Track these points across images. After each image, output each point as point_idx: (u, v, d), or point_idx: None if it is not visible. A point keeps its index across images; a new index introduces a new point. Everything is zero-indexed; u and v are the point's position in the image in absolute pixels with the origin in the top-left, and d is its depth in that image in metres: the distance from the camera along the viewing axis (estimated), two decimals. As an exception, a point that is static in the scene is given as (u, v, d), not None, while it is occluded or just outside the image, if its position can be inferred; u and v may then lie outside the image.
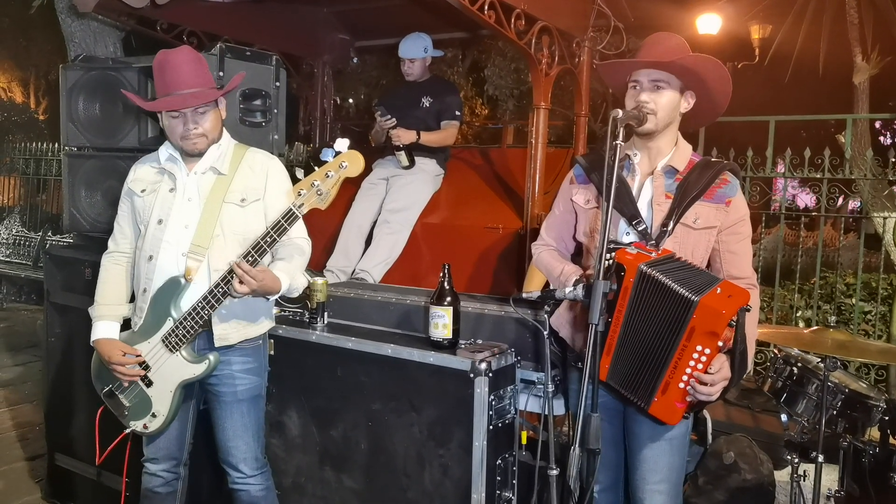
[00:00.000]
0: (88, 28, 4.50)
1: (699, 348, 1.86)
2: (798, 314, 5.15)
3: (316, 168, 2.15)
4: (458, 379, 2.30)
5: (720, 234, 2.08)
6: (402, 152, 3.96)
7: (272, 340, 2.65)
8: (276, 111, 3.07)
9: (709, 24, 8.01)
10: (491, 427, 2.28)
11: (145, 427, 2.39)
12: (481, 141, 9.04)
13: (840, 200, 4.96)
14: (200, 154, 2.36)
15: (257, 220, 2.36)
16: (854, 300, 5.05)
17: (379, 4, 4.54)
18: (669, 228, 2.03)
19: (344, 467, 2.59)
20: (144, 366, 2.35)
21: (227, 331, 2.35)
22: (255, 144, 3.03)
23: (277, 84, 3.07)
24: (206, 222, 2.31)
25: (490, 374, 2.26)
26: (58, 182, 8.90)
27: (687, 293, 1.83)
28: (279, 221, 2.18)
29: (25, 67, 13.63)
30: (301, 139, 6.14)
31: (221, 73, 2.86)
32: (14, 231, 8.60)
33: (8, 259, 8.46)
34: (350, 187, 4.26)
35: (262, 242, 2.20)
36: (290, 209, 2.17)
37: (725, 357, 1.89)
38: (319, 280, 2.76)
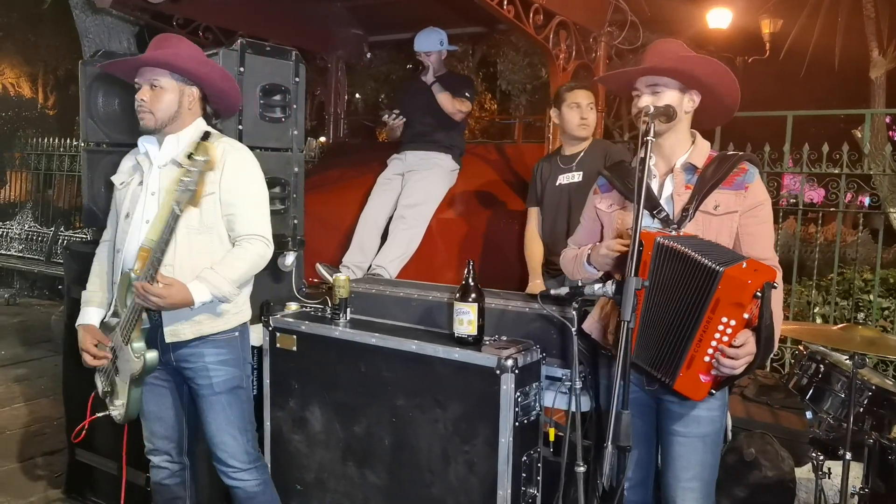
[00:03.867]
0: (103, 23, 4.51)
1: (724, 320, 1.85)
2: (815, 310, 5.12)
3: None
4: (483, 375, 2.29)
5: (740, 218, 2.08)
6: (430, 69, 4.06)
7: (295, 336, 2.65)
8: (295, 107, 3.06)
9: (718, 18, 7.96)
10: (517, 424, 2.27)
11: (118, 415, 2.41)
12: (489, 136, 9.01)
13: (848, 197, 4.92)
14: (153, 133, 2.33)
15: (213, 215, 2.30)
16: (872, 296, 5.02)
17: (392, -1, 4.54)
18: (690, 213, 2.05)
19: (367, 463, 2.58)
20: (114, 354, 2.36)
21: (178, 328, 2.31)
22: (274, 140, 3.03)
23: (297, 79, 3.06)
24: (161, 217, 2.24)
25: (516, 371, 2.26)
26: (68, 178, 8.91)
27: (712, 264, 1.83)
28: (168, 223, 2.13)
29: (34, 63, 13.65)
30: (309, 133, 6.11)
31: (242, 69, 2.85)
32: (27, 226, 8.62)
33: (21, 254, 8.48)
34: (366, 182, 4.26)
35: (156, 248, 2.15)
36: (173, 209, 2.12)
37: (751, 332, 1.88)
38: (342, 276, 2.75)
